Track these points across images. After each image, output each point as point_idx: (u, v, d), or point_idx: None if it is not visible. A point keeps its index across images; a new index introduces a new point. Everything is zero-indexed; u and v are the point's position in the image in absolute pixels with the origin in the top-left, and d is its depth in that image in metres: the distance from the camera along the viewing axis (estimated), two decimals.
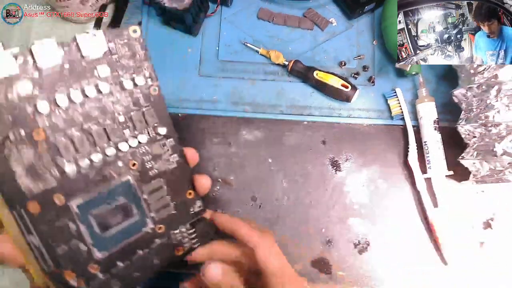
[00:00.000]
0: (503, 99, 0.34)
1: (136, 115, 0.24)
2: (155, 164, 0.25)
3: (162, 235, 0.26)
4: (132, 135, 0.24)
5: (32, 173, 0.20)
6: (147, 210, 0.25)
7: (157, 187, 0.25)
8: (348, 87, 0.41)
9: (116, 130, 0.23)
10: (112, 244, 0.23)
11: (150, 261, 0.25)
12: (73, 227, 0.22)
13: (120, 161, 0.23)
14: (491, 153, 0.35)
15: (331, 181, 0.42)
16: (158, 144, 0.25)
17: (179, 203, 0.26)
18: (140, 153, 0.24)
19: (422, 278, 0.40)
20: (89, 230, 0.22)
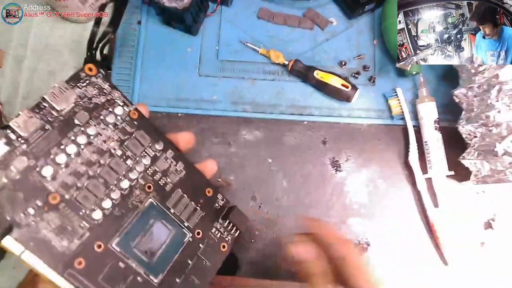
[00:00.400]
0: (504, 99, 0.34)
1: (130, 143, 0.25)
2: (167, 178, 0.26)
3: (203, 239, 0.27)
4: (135, 161, 0.25)
5: (63, 233, 0.21)
6: (179, 222, 0.26)
7: (179, 198, 0.26)
8: (348, 87, 0.41)
9: (119, 163, 0.24)
10: (164, 265, 0.24)
11: (203, 266, 0.26)
12: (122, 266, 0.23)
13: (136, 189, 0.24)
14: (492, 153, 0.35)
15: (331, 181, 0.42)
16: (161, 160, 0.26)
17: (203, 204, 0.28)
18: (150, 175, 0.25)
19: (422, 278, 0.40)
20: (138, 262, 0.23)
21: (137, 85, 0.44)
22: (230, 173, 0.42)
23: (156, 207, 0.25)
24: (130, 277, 0.23)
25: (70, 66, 0.46)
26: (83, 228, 0.22)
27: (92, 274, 0.21)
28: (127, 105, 0.25)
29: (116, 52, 0.45)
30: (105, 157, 0.24)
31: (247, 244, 0.41)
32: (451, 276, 0.40)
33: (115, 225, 0.23)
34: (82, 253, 0.21)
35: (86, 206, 0.22)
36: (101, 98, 0.24)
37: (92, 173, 0.23)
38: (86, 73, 0.24)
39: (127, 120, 0.25)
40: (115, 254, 0.23)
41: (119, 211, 0.23)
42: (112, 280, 0.22)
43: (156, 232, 0.25)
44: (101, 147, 0.24)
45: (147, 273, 0.24)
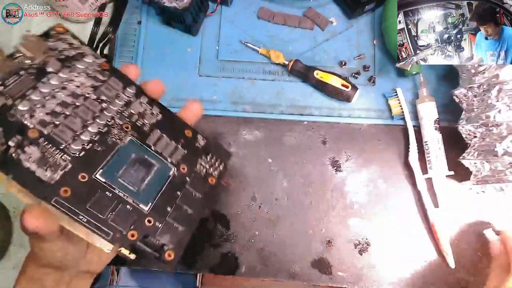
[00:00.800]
0: (504, 99, 0.34)
1: (103, 88, 0.26)
2: (144, 120, 0.27)
3: (189, 173, 0.28)
4: (110, 103, 0.26)
5: (46, 164, 0.22)
6: (162, 158, 0.27)
7: (158, 137, 0.27)
8: (348, 87, 0.41)
9: (94, 104, 0.25)
10: (152, 195, 0.26)
11: (193, 197, 0.27)
12: (109, 194, 0.24)
13: (113, 128, 0.25)
14: (492, 153, 0.35)
15: (331, 181, 0.42)
16: (136, 103, 0.27)
17: (184, 143, 0.28)
18: (126, 116, 0.26)
19: (422, 278, 0.40)
20: (125, 191, 0.25)
21: None
22: (230, 173, 0.42)
23: (136, 144, 0.26)
24: (119, 205, 0.24)
25: None
26: (65, 161, 0.23)
27: (79, 202, 0.22)
28: (97, 58, 0.27)
29: (116, 52, 0.45)
30: (80, 99, 0.25)
31: (247, 244, 0.41)
32: (451, 276, 0.40)
33: (97, 159, 0.24)
34: (67, 183, 0.22)
35: (65, 140, 0.23)
36: (71, 51, 0.26)
37: (69, 112, 0.24)
38: (56, 31, 0.26)
39: (98, 70, 0.26)
40: (100, 184, 0.24)
41: (99, 146, 0.24)
42: (101, 207, 0.23)
43: (140, 165, 0.26)
44: (75, 91, 0.25)
45: (136, 202, 0.25)
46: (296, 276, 0.40)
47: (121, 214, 0.24)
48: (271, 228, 0.41)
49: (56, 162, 0.23)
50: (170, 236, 0.25)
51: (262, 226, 0.41)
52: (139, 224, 0.24)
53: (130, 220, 0.24)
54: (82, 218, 0.22)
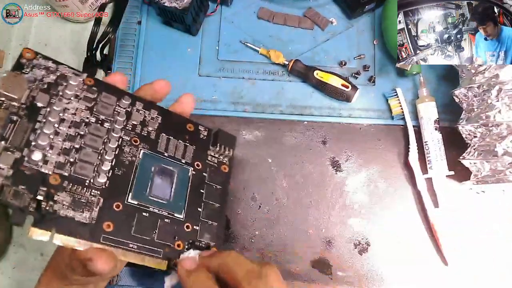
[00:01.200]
0: (504, 99, 0.34)
1: (99, 107, 0.25)
2: (148, 127, 0.27)
3: (204, 168, 0.29)
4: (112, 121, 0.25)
5: (80, 206, 0.22)
6: (177, 161, 0.27)
7: (166, 141, 0.27)
8: (348, 87, 0.41)
9: (98, 128, 0.25)
10: (182, 201, 0.26)
11: (215, 191, 0.29)
12: (147, 214, 0.24)
13: (124, 147, 0.25)
14: (492, 153, 0.35)
15: (331, 181, 0.42)
16: (134, 113, 0.27)
17: (189, 139, 0.29)
18: (129, 129, 0.26)
19: (422, 278, 0.40)
20: (159, 206, 0.25)
21: (137, 85, 0.44)
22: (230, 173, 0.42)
23: (150, 155, 0.26)
24: (159, 221, 0.25)
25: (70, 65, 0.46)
26: (95, 196, 0.23)
27: (124, 232, 0.23)
28: (78, 75, 0.25)
29: (116, 52, 0.45)
30: (82, 127, 0.24)
31: (247, 244, 0.41)
32: (450, 275, 0.40)
33: (122, 184, 0.24)
34: (106, 217, 0.23)
35: (88, 175, 0.23)
36: (51, 76, 0.24)
37: (78, 145, 0.23)
38: (26, 59, 0.24)
39: (85, 89, 0.25)
40: (135, 207, 0.24)
41: (119, 170, 0.24)
42: (144, 229, 0.24)
43: (161, 176, 0.26)
44: (74, 120, 0.24)
45: (171, 212, 0.25)
46: (296, 276, 0.40)
47: (163, 229, 0.24)
48: (271, 228, 0.41)
49: (88, 200, 0.23)
50: (209, 234, 0.27)
51: (262, 226, 0.41)
52: (181, 232, 0.25)
53: (172, 232, 0.25)
54: (132, 246, 0.23)
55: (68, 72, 0.25)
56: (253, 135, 0.43)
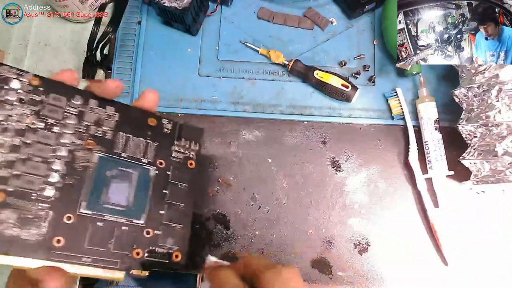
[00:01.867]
0: (504, 99, 0.34)
1: (47, 111, 0.23)
2: (103, 127, 0.25)
3: (168, 166, 0.27)
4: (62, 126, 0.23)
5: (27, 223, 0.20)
6: (137, 162, 0.25)
7: (125, 140, 0.25)
8: (348, 87, 0.41)
9: (46, 135, 0.22)
10: (143, 205, 0.25)
11: (180, 190, 0.26)
12: (101, 224, 0.23)
13: (77, 152, 0.23)
14: (492, 153, 0.35)
15: (331, 181, 0.42)
16: (87, 113, 0.24)
17: (151, 135, 0.27)
18: (83, 131, 0.24)
19: (422, 278, 0.40)
20: (115, 214, 0.23)
21: (137, 85, 0.44)
22: (230, 173, 0.42)
23: (106, 159, 0.24)
24: (115, 230, 0.23)
25: (70, 66, 0.46)
26: (44, 209, 0.21)
27: (76, 246, 0.21)
28: (22, 75, 0.23)
29: (116, 52, 0.45)
30: (29, 135, 0.22)
31: (247, 244, 0.41)
32: (450, 275, 0.40)
33: (74, 193, 0.22)
34: (56, 232, 0.21)
35: (34, 189, 0.21)
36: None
37: (24, 156, 0.21)
38: None
39: (31, 90, 0.23)
40: (89, 217, 0.22)
41: (72, 178, 0.23)
42: (99, 241, 0.22)
43: (119, 181, 0.24)
44: (18, 128, 0.22)
45: (129, 219, 0.24)
46: None
47: (120, 238, 0.23)
48: (271, 228, 0.41)
49: (36, 215, 0.21)
50: (172, 238, 0.25)
51: (262, 226, 0.41)
52: (140, 239, 0.24)
53: (131, 239, 0.23)
54: (86, 259, 0.22)
55: (9, 73, 0.22)
56: (253, 135, 0.43)
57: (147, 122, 0.27)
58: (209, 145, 0.43)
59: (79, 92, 0.25)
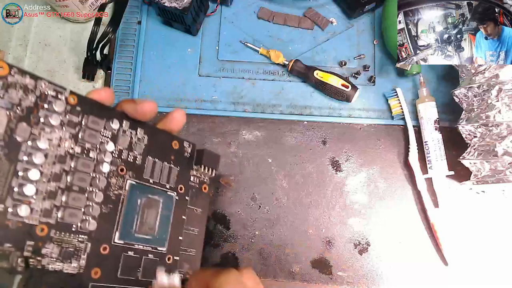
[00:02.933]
0: (504, 99, 0.34)
1: (87, 135, 0.22)
2: (134, 152, 0.25)
3: (186, 191, 0.27)
4: (100, 151, 0.23)
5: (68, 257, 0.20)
6: (162, 188, 0.26)
7: (152, 165, 0.25)
8: (348, 87, 0.41)
9: (86, 163, 0.22)
10: (166, 232, 0.25)
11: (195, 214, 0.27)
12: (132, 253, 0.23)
13: (111, 178, 0.23)
14: (492, 153, 0.35)
15: (331, 181, 0.42)
16: (121, 137, 0.24)
17: (174, 159, 0.27)
18: (116, 157, 0.23)
19: (422, 278, 0.40)
20: (144, 242, 0.24)
21: (137, 85, 0.44)
22: (230, 173, 0.42)
23: (137, 186, 0.24)
24: (143, 259, 0.24)
25: (70, 66, 0.46)
26: (83, 241, 0.21)
27: (111, 276, 0.22)
28: (61, 92, 0.21)
29: (116, 52, 0.45)
30: (67, 162, 0.21)
31: (247, 244, 0.41)
32: (450, 275, 0.40)
33: (109, 222, 0.22)
34: (94, 263, 0.21)
35: (75, 222, 0.21)
36: (30, 97, 0.20)
37: (64, 185, 0.20)
38: None
39: (69, 110, 0.21)
40: (121, 247, 0.23)
41: (106, 207, 0.22)
42: (130, 270, 0.23)
43: (148, 209, 0.25)
44: (58, 153, 0.20)
45: (155, 247, 0.24)
46: (296, 276, 0.40)
47: (147, 265, 0.24)
48: (271, 228, 0.41)
49: (76, 247, 0.21)
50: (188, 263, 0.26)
51: (262, 226, 0.41)
52: (163, 266, 0.24)
53: (155, 266, 0.24)
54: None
55: (49, 89, 0.20)
56: (253, 135, 0.43)
57: (171, 145, 0.27)
58: (209, 145, 0.43)
59: (114, 112, 0.24)
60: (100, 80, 0.45)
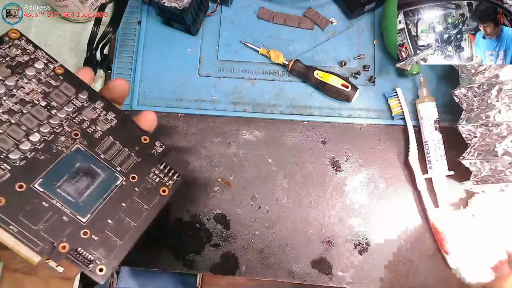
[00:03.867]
0: (504, 98, 0.34)
1: (54, 94, 0.26)
2: (96, 127, 0.27)
3: (139, 183, 0.27)
4: (58, 110, 0.26)
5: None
6: (111, 167, 0.26)
7: (110, 144, 0.27)
8: (348, 87, 0.41)
9: (40, 111, 0.25)
10: (92, 206, 0.25)
11: (140, 209, 0.26)
12: (46, 205, 0.23)
13: (61, 136, 0.25)
14: (492, 153, 0.35)
15: (331, 181, 0.42)
16: (88, 109, 0.27)
17: (139, 150, 0.28)
18: (77, 123, 0.26)
19: (422, 278, 0.40)
20: (63, 202, 0.24)
21: (137, 85, 0.44)
22: (230, 173, 0.42)
23: (83, 152, 0.26)
24: (55, 216, 0.23)
25: (70, 65, 0.45)
26: (4, 170, 0.23)
27: (12, 212, 0.22)
28: (52, 62, 0.26)
29: (116, 52, 0.45)
30: (27, 107, 0.25)
31: (247, 244, 0.41)
32: (452, 276, 0.40)
33: (38, 168, 0.24)
34: (2, 192, 0.22)
35: (5, 148, 0.23)
36: (24, 57, 0.26)
37: (14, 120, 0.24)
38: (9, 37, 0.25)
39: (51, 75, 0.26)
40: (38, 194, 0.23)
41: (43, 155, 0.24)
42: (34, 218, 0.23)
43: (83, 174, 0.25)
44: (24, 98, 0.25)
45: (74, 212, 0.24)
46: (296, 276, 0.40)
47: (55, 225, 0.23)
48: (271, 228, 0.41)
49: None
50: (105, 249, 0.24)
51: (262, 226, 0.41)
52: (74, 236, 0.24)
53: (64, 231, 0.23)
54: (13, 228, 0.22)
55: (42, 57, 0.26)
56: (253, 135, 0.43)
57: (141, 138, 0.28)
58: (209, 145, 0.43)
59: (91, 90, 0.27)
60: (100, 80, 0.45)
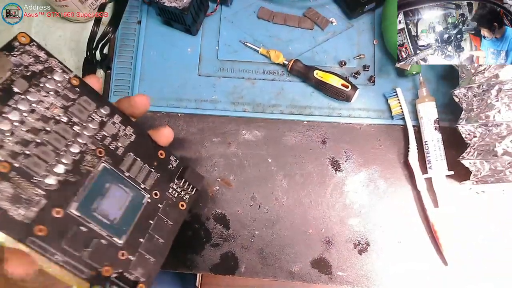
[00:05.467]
0: (504, 98, 0.34)
1: (74, 109, 0.25)
2: (118, 143, 0.26)
3: (161, 199, 0.27)
4: (82, 127, 0.25)
5: (19, 202, 0.21)
6: (136, 184, 0.26)
7: (132, 161, 0.27)
8: (348, 86, 0.41)
9: (66, 129, 0.24)
10: (126, 226, 0.25)
11: (165, 225, 0.27)
12: (84, 230, 0.23)
13: (87, 155, 0.25)
14: (492, 153, 0.35)
15: (331, 181, 0.42)
16: (109, 124, 0.26)
17: (157, 165, 0.28)
18: (99, 140, 0.25)
19: (422, 278, 0.40)
20: (100, 225, 0.24)
21: (136, 85, 0.44)
22: (230, 173, 0.42)
23: (110, 171, 0.25)
24: (94, 240, 0.23)
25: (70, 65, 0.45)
26: (39, 195, 0.22)
27: (54, 240, 0.22)
28: (66, 72, 0.25)
29: (116, 52, 0.45)
30: (50, 124, 0.23)
31: (247, 244, 0.41)
32: (450, 276, 0.40)
33: (71, 191, 0.23)
34: (42, 220, 0.21)
35: (38, 173, 0.22)
36: (38, 66, 0.24)
37: (40, 140, 0.22)
38: (19, 42, 0.24)
39: (68, 87, 0.25)
40: (75, 219, 0.23)
41: (73, 177, 0.23)
42: (76, 244, 0.22)
43: (114, 195, 0.25)
44: (45, 114, 0.23)
45: (110, 235, 0.24)
46: (296, 276, 0.40)
47: (96, 249, 0.23)
48: (271, 228, 0.41)
49: (30, 198, 0.21)
50: (142, 269, 0.25)
51: (262, 226, 0.41)
52: (113, 258, 0.24)
53: (105, 255, 0.23)
54: (58, 257, 0.22)
55: (56, 66, 0.25)
56: (253, 135, 0.43)
57: (157, 152, 0.28)
58: (209, 145, 0.43)
59: (109, 104, 0.26)
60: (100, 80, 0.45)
